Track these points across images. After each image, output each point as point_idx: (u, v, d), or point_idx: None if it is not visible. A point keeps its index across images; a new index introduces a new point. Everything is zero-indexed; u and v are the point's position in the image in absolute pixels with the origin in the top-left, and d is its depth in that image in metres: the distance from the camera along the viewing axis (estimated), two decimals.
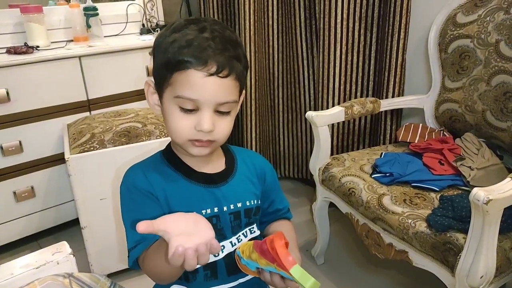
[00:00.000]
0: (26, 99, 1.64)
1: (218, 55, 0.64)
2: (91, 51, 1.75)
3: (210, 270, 0.74)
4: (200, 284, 0.74)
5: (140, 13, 2.14)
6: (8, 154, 1.65)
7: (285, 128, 2.20)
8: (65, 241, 0.74)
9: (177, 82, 0.65)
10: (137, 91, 1.90)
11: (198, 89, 0.64)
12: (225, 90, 0.66)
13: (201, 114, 0.66)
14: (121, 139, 1.49)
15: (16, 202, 1.71)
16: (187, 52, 0.63)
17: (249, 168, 0.79)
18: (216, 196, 0.73)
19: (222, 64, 0.64)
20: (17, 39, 1.79)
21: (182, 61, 0.64)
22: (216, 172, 0.75)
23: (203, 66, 0.63)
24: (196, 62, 0.63)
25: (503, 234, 1.02)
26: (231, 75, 0.65)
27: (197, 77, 0.63)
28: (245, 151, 0.85)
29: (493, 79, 1.37)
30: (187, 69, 0.64)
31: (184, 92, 0.65)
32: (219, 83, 0.64)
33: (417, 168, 1.32)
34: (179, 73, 0.64)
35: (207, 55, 0.63)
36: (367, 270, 1.61)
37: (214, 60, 0.63)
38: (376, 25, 1.71)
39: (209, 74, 0.63)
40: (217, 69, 0.63)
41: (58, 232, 1.86)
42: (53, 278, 0.67)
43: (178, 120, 0.67)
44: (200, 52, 0.63)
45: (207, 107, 0.65)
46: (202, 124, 0.65)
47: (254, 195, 0.78)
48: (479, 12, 1.42)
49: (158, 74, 0.68)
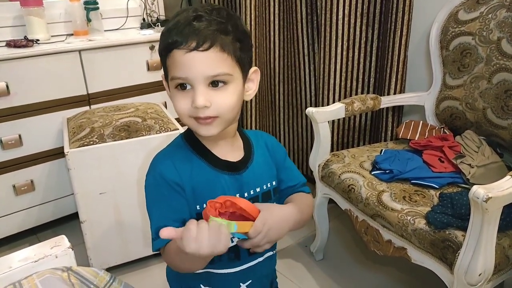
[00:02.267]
0: (26, 92, 1.64)
1: (198, 31, 0.65)
2: (91, 45, 1.74)
3: (234, 252, 0.78)
4: (224, 265, 0.78)
5: (141, 8, 2.13)
6: (7, 148, 1.64)
7: (285, 124, 2.20)
8: (64, 235, 0.74)
9: (169, 66, 0.69)
10: (137, 86, 1.90)
11: (183, 66, 0.66)
12: (211, 63, 0.66)
13: (194, 90, 0.68)
14: (120, 133, 1.49)
15: (16, 195, 1.71)
16: (171, 34, 0.67)
17: (263, 151, 0.82)
18: (239, 183, 0.76)
19: (202, 38, 0.65)
20: (17, 32, 1.79)
21: (167, 45, 0.68)
22: (238, 159, 0.77)
23: (183, 44, 0.65)
24: (177, 42, 0.66)
25: (502, 232, 1.02)
26: (214, 48, 0.66)
27: (180, 55, 0.66)
28: (257, 133, 0.86)
29: (494, 77, 1.37)
30: (171, 50, 0.67)
31: (174, 73, 0.68)
32: (201, 57, 0.66)
33: (417, 165, 1.32)
34: (168, 57, 0.69)
35: (185, 33, 0.66)
36: (366, 267, 1.62)
37: (193, 36, 0.65)
38: (378, 21, 1.70)
39: (189, 50, 0.65)
40: (196, 43, 0.65)
41: (57, 226, 1.86)
42: (51, 271, 0.67)
43: (178, 100, 0.70)
44: (179, 32, 0.66)
45: (197, 82, 0.67)
46: (195, 101, 0.67)
47: (271, 176, 0.81)
48: (481, 9, 1.42)
49: (163, 66, 0.73)
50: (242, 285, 0.81)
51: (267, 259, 0.83)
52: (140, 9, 2.13)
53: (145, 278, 1.59)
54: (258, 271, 0.82)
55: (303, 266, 1.63)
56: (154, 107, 1.72)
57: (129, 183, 1.51)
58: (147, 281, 1.57)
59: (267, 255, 0.83)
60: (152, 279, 1.58)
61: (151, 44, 1.88)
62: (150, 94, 1.94)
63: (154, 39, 1.89)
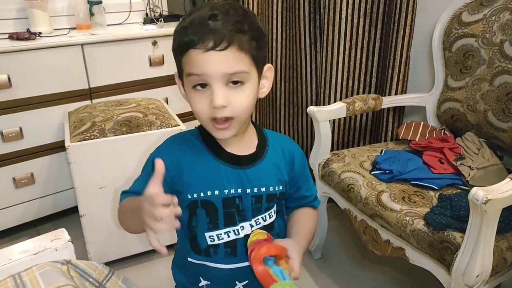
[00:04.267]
0: (27, 85, 1.64)
1: (215, 31, 0.65)
2: (93, 39, 1.74)
3: (230, 248, 0.78)
4: (220, 259, 0.78)
5: (144, 3, 2.13)
6: (8, 140, 1.65)
7: (286, 122, 2.20)
8: (63, 228, 0.75)
9: (185, 64, 0.69)
10: (139, 81, 1.90)
11: (200, 64, 0.66)
12: (228, 62, 0.66)
13: (212, 89, 0.67)
14: (121, 128, 1.49)
15: (16, 188, 1.71)
16: (187, 33, 0.67)
17: (278, 154, 0.81)
18: (241, 178, 0.76)
19: (219, 38, 0.65)
20: (19, 25, 1.79)
21: (182, 44, 0.67)
22: (245, 154, 0.77)
23: (200, 44, 0.65)
24: (194, 42, 0.66)
25: (500, 234, 1.03)
26: (232, 47, 0.66)
27: (197, 55, 0.66)
28: (278, 136, 0.86)
29: (496, 79, 1.37)
30: (188, 50, 0.67)
31: (190, 69, 0.67)
32: (219, 56, 0.66)
33: (417, 166, 1.32)
34: (184, 55, 0.68)
35: (204, 33, 0.65)
36: (363, 266, 1.62)
37: (210, 36, 0.65)
38: (381, 21, 1.70)
39: (207, 50, 0.65)
40: (214, 44, 0.65)
41: (57, 220, 1.86)
42: (51, 264, 0.67)
43: (196, 100, 0.70)
44: (196, 31, 0.66)
45: (215, 81, 0.67)
46: (213, 100, 0.67)
47: (280, 181, 0.80)
48: (485, 11, 1.42)
49: (176, 65, 0.72)
50: (239, 284, 0.81)
51: None
52: (143, 4, 2.13)
53: (144, 273, 1.59)
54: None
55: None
56: (156, 103, 1.72)
57: (129, 178, 1.50)
58: (146, 275, 1.58)
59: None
60: (151, 274, 1.59)
61: (153, 39, 1.88)
62: (152, 90, 1.93)
63: (156, 35, 1.88)
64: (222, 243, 0.77)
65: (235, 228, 0.77)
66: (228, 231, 0.77)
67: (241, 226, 0.77)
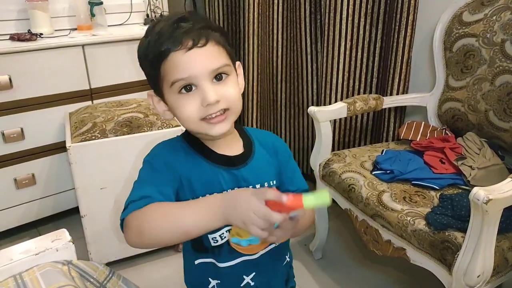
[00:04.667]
0: (28, 86, 1.64)
1: (189, 31, 0.67)
2: (94, 40, 1.74)
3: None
4: (224, 257, 0.78)
5: (145, 3, 2.13)
6: (9, 141, 1.65)
7: (287, 123, 2.20)
8: (64, 229, 0.75)
9: (166, 71, 0.68)
10: (139, 82, 1.90)
11: (184, 66, 0.66)
12: (211, 57, 0.68)
13: (201, 89, 0.68)
14: (122, 129, 1.49)
15: (17, 189, 1.72)
16: (161, 42, 0.67)
17: (265, 148, 0.81)
18: (237, 178, 0.76)
19: (196, 36, 0.66)
20: (21, 26, 1.79)
21: (161, 52, 0.67)
22: (236, 154, 0.77)
23: (180, 45, 0.66)
24: (173, 45, 0.66)
25: (502, 234, 1.02)
26: (210, 42, 0.68)
27: (179, 56, 0.67)
28: (259, 131, 0.86)
29: (497, 79, 1.36)
30: (168, 54, 0.67)
31: (175, 75, 0.67)
32: (201, 53, 0.67)
33: (417, 166, 1.32)
34: (164, 62, 0.68)
35: (179, 35, 0.66)
36: (364, 266, 1.62)
37: (187, 36, 0.66)
38: (382, 21, 1.70)
39: (188, 49, 0.66)
40: (193, 42, 0.66)
41: (58, 220, 1.87)
42: (52, 264, 0.67)
43: (184, 104, 0.69)
44: (172, 35, 0.66)
45: (202, 80, 0.67)
46: (207, 98, 0.67)
47: (272, 175, 0.80)
48: (486, 11, 1.41)
49: (151, 77, 0.72)
50: (246, 278, 0.81)
51: (272, 252, 0.82)
52: (144, 4, 2.13)
53: (144, 274, 1.59)
54: (261, 264, 0.82)
55: (302, 264, 1.63)
56: None
57: (130, 178, 1.51)
58: (146, 276, 1.58)
59: (270, 247, 0.82)
60: (151, 275, 1.59)
61: None
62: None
63: None
64: (225, 242, 0.77)
65: None
66: (230, 229, 0.76)
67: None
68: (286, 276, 0.90)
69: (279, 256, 0.87)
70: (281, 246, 0.84)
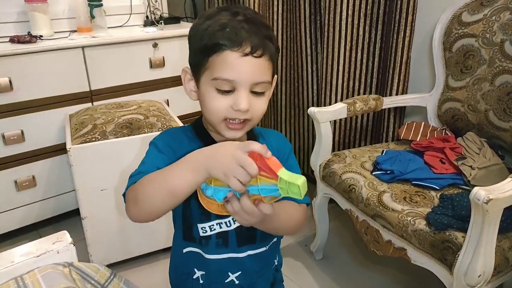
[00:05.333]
0: (28, 88, 1.64)
1: (252, 36, 0.66)
2: (94, 41, 1.75)
3: (222, 238, 0.78)
4: (211, 249, 0.79)
5: (144, 5, 2.13)
6: (9, 143, 1.65)
7: (287, 123, 2.20)
8: (65, 231, 0.74)
9: (214, 65, 0.68)
10: (140, 83, 1.90)
11: (234, 69, 0.67)
12: (260, 70, 0.68)
13: (238, 94, 0.68)
14: (123, 130, 1.49)
15: (17, 191, 1.72)
16: (222, 35, 0.66)
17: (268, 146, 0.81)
18: None
19: (256, 44, 0.66)
20: (20, 28, 1.79)
21: (218, 44, 0.66)
22: None
23: (238, 47, 0.66)
24: (231, 44, 0.66)
25: (502, 234, 1.02)
26: (265, 55, 0.68)
27: (233, 57, 0.66)
28: (265, 130, 0.86)
29: (497, 79, 1.37)
30: (223, 50, 0.66)
31: (222, 74, 0.67)
32: (254, 62, 0.67)
33: (418, 166, 1.32)
34: (216, 55, 0.67)
35: (241, 36, 0.66)
36: (365, 267, 1.62)
37: (248, 41, 0.66)
38: (381, 22, 1.70)
39: (244, 54, 0.66)
40: (251, 49, 0.66)
41: (58, 222, 1.87)
42: (53, 267, 0.67)
43: (215, 100, 0.69)
44: (234, 33, 0.66)
45: (243, 87, 0.68)
46: (239, 103, 0.68)
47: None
48: (485, 11, 1.42)
49: (195, 60, 0.71)
50: (231, 275, 0.82)
51: (261, 255, 0.82)
52: (143, 6, 2.13)
53: (146, 275, 1.59)
54: (248, 265, 0.82)
55: (303, 265, 1.63)
56: (157, 105, 1.73)
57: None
58: (148, 278, 1.58)
59: (259, 250, 0.82)
60: (153, 276, 1.59)
61: (154, 41, 1.88)
62: (153, 92, 1.94)
63: (157, 37, 1.89)
64: (214, 234, 0.78)
65: (226, 220, 0.77)
66: (220, 222, 0.77)
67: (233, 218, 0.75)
68: (272, 279, 0.91)
69: (267, 260, 0.87)
70: (270, 250, 0.84)
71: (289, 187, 0.56)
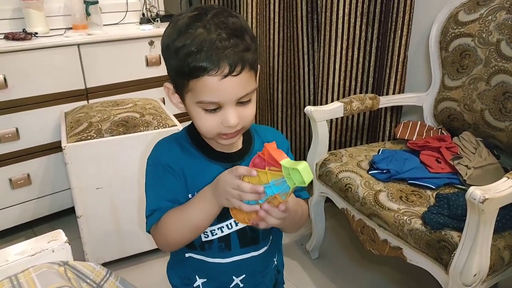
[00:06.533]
0: (23, 86, 1.63)
1: (229, 54, 0.64)
2: (90, 39, 1.74)
3: (224, 242, 0.79)
4: (214, 254, 0.80)
5: (140, 2, 2.12)
6: (4, 141, 1.64)
7: (284, 122, 2.20)
8: (60, 229, 0.74)
9: (195, 89, 0.67)
10: (135, 81, 1.89)
11: (216, 92, 0.66)
12: (242, 85, 0.67)
13: (225, 111, 0.68)
14: (118, 128, 1.49)
15: (12, 189, 1.71)
16: (198, 58, 0.64)
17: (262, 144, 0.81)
18: None
19: (234, 61, 0.65)
20: (15, 25, 1.78)
21: (194, 69, 0.65)
22: (234, 150, 0.78)
23: (216, 69, 0.64)
24: (209, 67, 0.64)
25: (498, 233, 1.03)
26: (245, 69, 0.67)
27: (213, 81, 0.65)
28: (262, 128, 0.87)
29: (493, 79, 1.37)
30: (202, 76, 0.65)
31: (205, 97, 0.67)
32: (234, 80, 0.66)
33: (414, 166, 1.32)
34: (195, 80, 0.66)
35: (217, 58, 0.64)
36: (361, 266, 1.62)
37: (225, 61, 0.64)
38: (378, 21, 1.70)
39: (224, 76, 0.65)
40: (229, 69, 0.65)
41: (54, 220, 1.86)
42: (48, 265, 0.66)
43: (204, 120, 0.70)
44: (210, 56, 0.64)
45: (229, 104, 0.68)
46: (228, 120, 0.68)
47: None
48: (481, 11, 1.42)
49: (175, 80, 0.71)
50: (236, 279, 0.82)
51: (263, 255, 0.83)
52: (139, 4, 2.12)
53: (141, 274, 1.59)
54: (252, 266, 0.82)
55: (299, 264, 1.63)
56: (153, 103, 1.72)
57: (126, 178, 1.51)
58: (143, 276, 1.57)
59: (262, 250, 0.82)
60: (148, 274, 1.59)
61: (150, 39, 1.87)
62: (149, 90, 1.93)
63: (153, 35, 1.88)
64: (215, 238, 0.78)
65: (228, 223, 0.77)
66: (222, 226, 0.77)
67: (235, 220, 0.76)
68: (274, 280, 0.91)
69: (269, 258, 0.87)
70: (270, 248, 0.85)
71: (293, 174, 0.59)
